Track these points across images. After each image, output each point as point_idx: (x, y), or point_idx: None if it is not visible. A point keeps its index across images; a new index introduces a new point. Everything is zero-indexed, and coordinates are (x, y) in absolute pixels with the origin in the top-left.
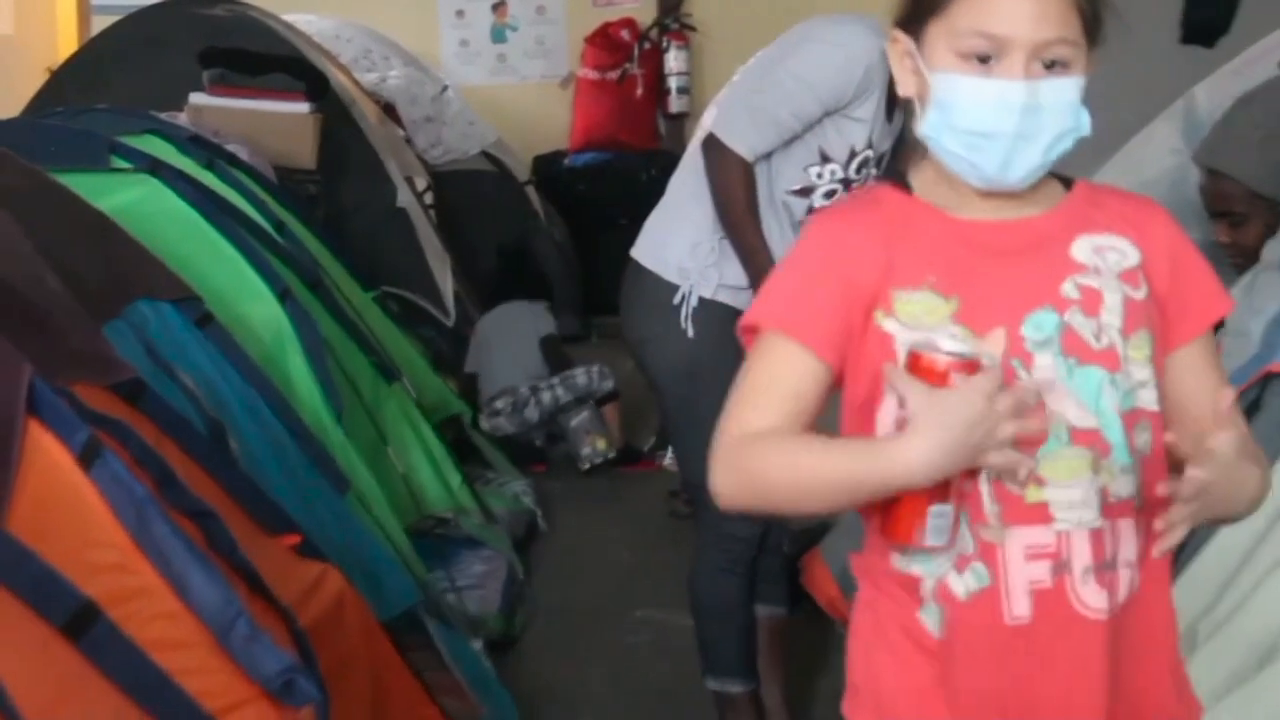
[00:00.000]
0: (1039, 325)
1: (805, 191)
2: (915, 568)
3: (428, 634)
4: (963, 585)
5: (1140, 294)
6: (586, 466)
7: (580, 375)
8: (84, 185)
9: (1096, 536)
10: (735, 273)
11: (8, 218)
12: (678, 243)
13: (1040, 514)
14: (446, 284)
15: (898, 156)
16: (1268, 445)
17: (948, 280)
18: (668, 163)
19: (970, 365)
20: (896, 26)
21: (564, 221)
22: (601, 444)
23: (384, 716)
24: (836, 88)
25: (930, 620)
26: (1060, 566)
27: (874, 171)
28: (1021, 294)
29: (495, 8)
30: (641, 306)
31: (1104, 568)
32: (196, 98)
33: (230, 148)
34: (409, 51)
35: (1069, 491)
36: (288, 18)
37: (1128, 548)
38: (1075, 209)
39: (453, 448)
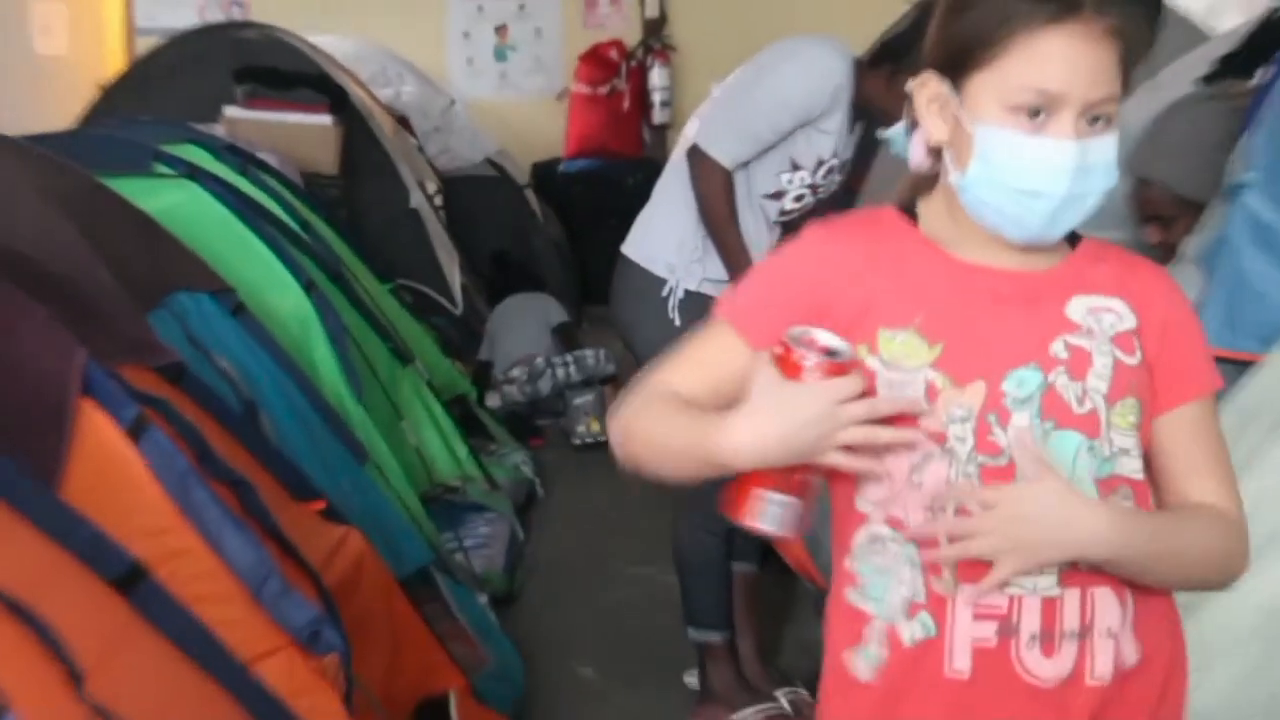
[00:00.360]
0: (1021, 382)
1: (778, 195)
2: (868, 605)
3: (439, 589)
4: (909, 632)
5: (1133, 360)
6: (578, 443)
7: (590, 357)
8: (130, 189)
9: (1050, 605)
10: (717, 268)
11: (64, 217)
12: (665, 241)
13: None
14: (454, 277)
15: (860, 163)
16: None
17: (935, 324)
18: (652, 169)
19: (835, 368)
20: (929, 70)
21: (559, 221)
22: (596, 427)
23: (400, 663)
24: (808, 104)
25: (862, 664)
26: (1007, 629)
27: (838, 177)
28: (1008, 348)
29: (498, 30)
30: (632, 297)
31: (1061, 636)
32: (231, 111)
33: (261, 155)
34: (420, 69)
35: None
36: (312, 39)
37: (1107, 616)
38: (1077, 267)
39: (460, 423)
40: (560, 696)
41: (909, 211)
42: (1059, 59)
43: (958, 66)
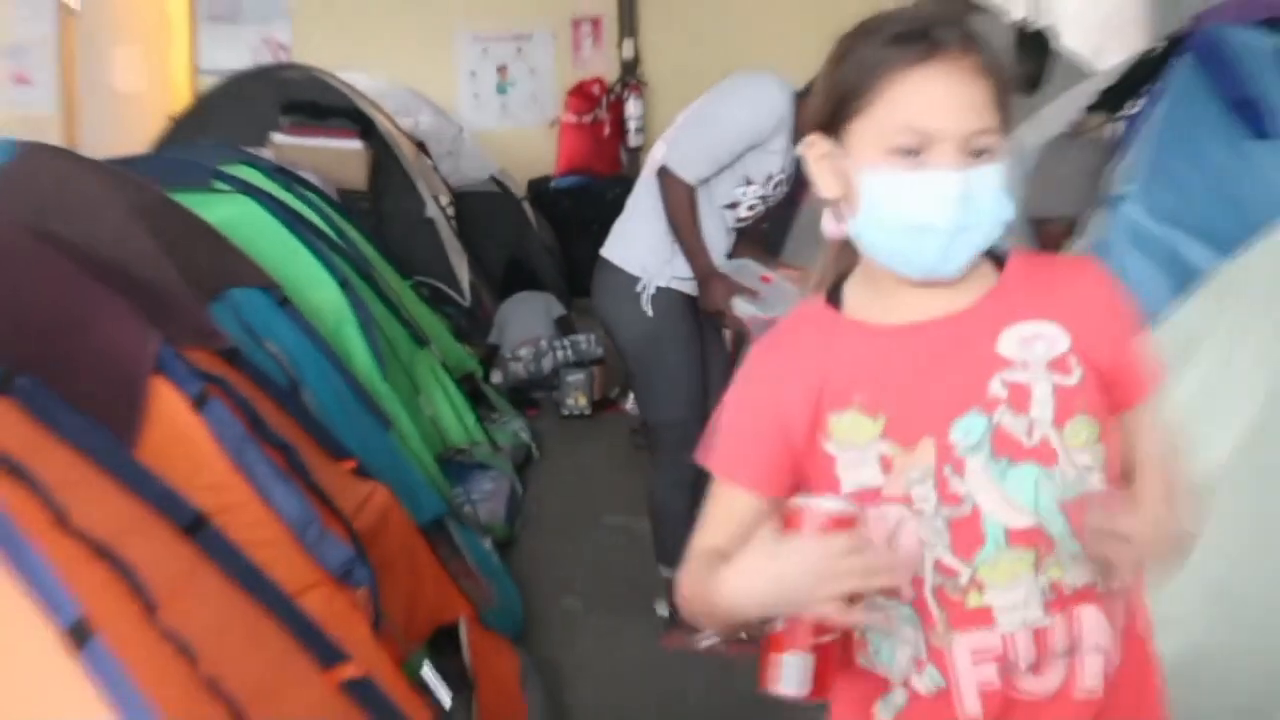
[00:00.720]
0: (967, 430)
1: (734, 205)
2: (879, 668)
3: (451, 535)
4: (922, 685)
5: (1072, 379)
6: (565, 414)
7: (583, 341)
8: (194, 202)
9: (1040, 634)
10: (683, 267)
11: (141, 226)
12: (639, 245)
13: (983, 618)
14: (463, 275)
15: (801, 177)
16: None
17: (874, 398)
18: (629, 184)
19: (832, 523)
20: (813, 131)
21: (551, 228)
22: (582, 401)
23: (419, 596)
24: (757, 130)
25: (885, 712)
26: (1007, 668)
27: (784, 189)
28: (947, 400)
29: (499, 69)
30: (611, 293)
31: (1052, 657)
32: (278, 137)
33: (303, 174)
34: (435, 102)
35: (1010, 594)
36: (345, 78)
37: (1095, 633)
38: (1004, 294)
39: (468, 396)
40: (552, 623)
41: (836, 294)
42: (929, 97)
43: (837, 119)
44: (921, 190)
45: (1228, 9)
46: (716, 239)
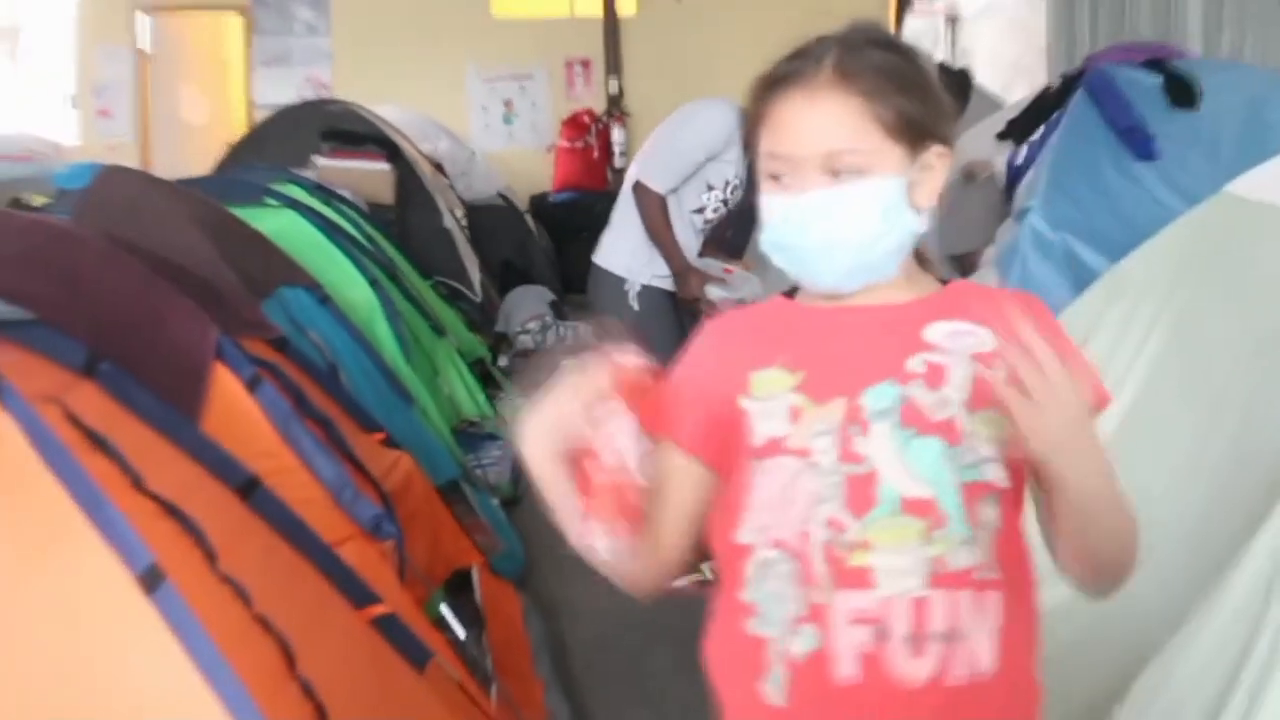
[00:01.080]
0: (879, 396)
1: (700, 210)
2: (765, 629)
3: (465, 494)
4: (798, 646)
5: (995, 376)
6: None
7: (581, 326)
8: (248, 215)
9: (919, 605)
10: (662, 268)
11: (204, 235)
12: (623, 251)
13: (863, 579)
14: (475, 276)
15: (755, 182)
16: None
17: (797, 357)
18: (613, 199)
19: (631, 373)
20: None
21: (548, 236)
22: None
23: (438, 547)
24: (711, 145)
25: (773, 690)
26: (882, 633)
27: (741, 193)
28: (865, 368)
29: (505, 103)
30: (603, 292)
31: (929, 638)
32: (319, 160)
33: (340, 191)
34: (451, 131)
35: (894, 559)
36: (377, 110)
37: (973, 621)
38: (940, 300)
39: (479, 377)
40: (551, 570)
41: (792, 291)
42: (786, 123)
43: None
44: (781, 212)
45: (1114, 52)
46: (686, 240)
